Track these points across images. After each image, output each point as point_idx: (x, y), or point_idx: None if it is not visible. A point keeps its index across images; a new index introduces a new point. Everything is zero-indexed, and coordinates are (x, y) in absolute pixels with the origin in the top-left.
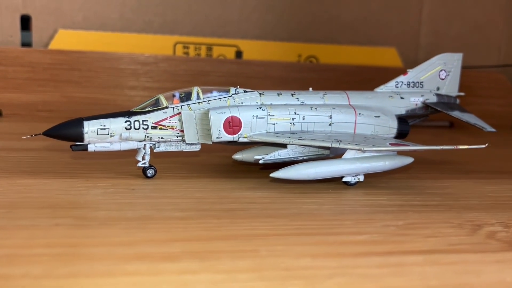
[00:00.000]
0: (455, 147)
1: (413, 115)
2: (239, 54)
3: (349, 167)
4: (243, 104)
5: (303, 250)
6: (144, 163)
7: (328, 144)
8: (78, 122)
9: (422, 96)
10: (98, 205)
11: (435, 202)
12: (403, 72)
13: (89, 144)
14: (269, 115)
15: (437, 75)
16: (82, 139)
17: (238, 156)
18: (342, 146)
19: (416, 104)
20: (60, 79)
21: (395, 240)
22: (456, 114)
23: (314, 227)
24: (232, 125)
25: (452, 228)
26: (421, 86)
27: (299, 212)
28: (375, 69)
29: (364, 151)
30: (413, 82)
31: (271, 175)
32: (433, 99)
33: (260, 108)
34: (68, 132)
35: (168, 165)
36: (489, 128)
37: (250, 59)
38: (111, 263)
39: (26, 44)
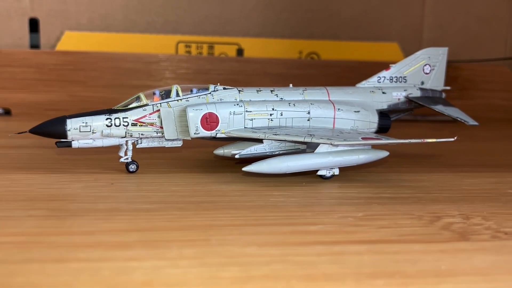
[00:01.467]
0: (422, 140)
1: (396, 109)
2: (240, 52)
3: (322, 160)
4: (222, 101)
5: (252, 239)
6: (127, 158)
7: (301, 139)
8: (61, 120)
9: (405, 90)
10: (74, 197)
11: (405, 195)
12: None
13: (73, 140)
14: (246, 111)
15: (421, 70)
16: (65, 136)
17: (219, 151)
18: (314, 140)
19: (399, 99)
20: (66, 79)
21: (347, 231)
22: (439, 108)
23: (273, 218)
24: (210, 121)
25: (410, 219)
26: (405, 80)
27: (264, 204)
28: (376, 64)
29: (335, 145)
30: (396, 77)
31: (243, 169)
32: (416, 93)
33: (237, 104)
34: (52, 129)
35: (152, 160)
36: (472, 122)
37: (251, 56)
38: (66, 250)
39: (34, 45)
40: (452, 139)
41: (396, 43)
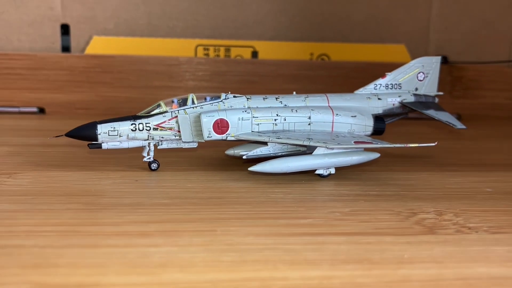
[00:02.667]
0: (405, 145)
1: (391, 114)
2: (255, 54)
3: (318, 161)
4: (232, 107)
5: (251, 230)
6: (149, 158)
7: (301, 142)
8: (93, 125)
9: (399, 96)
10: (104, 193)
11: (391, 192)
12: None
13: (103, 143)
14: (253, 117)
15: (415, 77)
16: (96, 139)
17: (230, 151)
18: (312, 144)
19: (394, 104)
20: (94, 80)
21: (332, 224)
22: (430, 112)
23: (271, 212)
24: (221, 126)
25: (389, 215)
26: (400, 87)
27: (265, 200)
28: (383, 65)
29: (329, 148)
30: (392, 84)
31: (249, 169)
32: (410, 99)
33: (245, 111)
34: (85, 133)
35: (171, 159)
36: (460, 126)
37: (265, 58)
38: (99, 238)
39: (65, 47)
40: (433, 144)
41: (403, 45)
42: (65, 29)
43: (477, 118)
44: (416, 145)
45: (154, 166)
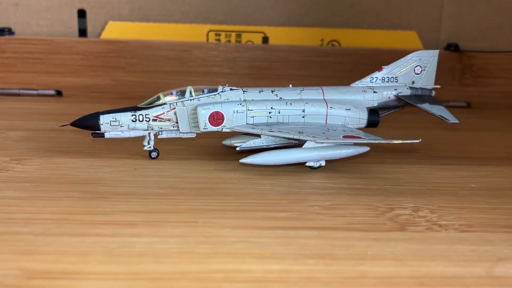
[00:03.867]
0: (390, 141)
1: (387, 106)
2: (265, 39)
3: (308, 154)
4: (228, 100)
5: (229, 223)
6: (149, 147)
7: (291, 136)
8: (95, 116)
9: (395, 90)
10: (103, 181)
11: (376, 186)
12: None
13: (105, 132)
14: (248, 109)
15: (412, 70)
16: (99, 129)
17: (226, 142)
18: (301, 137)
19: (389, 97)
20: (109, 65)
21: (308, 218)
22: (424, 106)
23: (253, 204)
24: (216, 118)
25: (366, 210)
26: (396, 80)
27: (252, 192)
28: (392, 52)
29: (317, 142)
30: (388, 77)
31: (240, 161)
32: (406, 92)
33: (240, 104)
34: (89, 123)
35: (172, 146)
36: (453, 120)
37: (276, 43)
38: (88, 227)
39: (82, 29)
40: (417, 141)
41: (414, 32)
42: (82, 14)
43: (487, 107)
44: (400, 141)
45: (154, 154)
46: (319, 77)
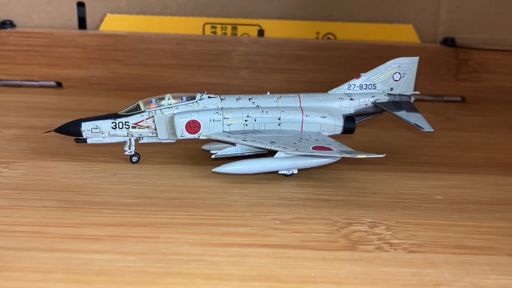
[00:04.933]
0: (354, 156)
1: (364, 113)
2: (261, 32)
3: (279, 164)
4: (206, 108)
5: (189, 239)
6: (130, 152)
7: (263, 146)
8: (78, 123)
9: (373, 97)
10: (81, 189)
11: (341, 197)
12: (415, 49)
13: (87, 138)
14: (224, 118)
15: (391, 77)
16: (81, 135)
17: (205, 147)
18: (273, 148)
19: (366, 104)
20: (106, 58)
21: (265, 234)
22: (401, 113)
23: (218, 218)
24: (193, 126)
25: (324, 225)
26: (374, 87)
27: (220, 203)
28: (387, 47)
29: (287, 154)
30: (366, 84)
31: (213, 170)
32: (384, 99)
33: (217, 112)
34: (71, 129)
35: (155, 148)
36: (428, 129)
37: (271, 37)
38: (57, 241)
39: (81, 17)
40: (381, 156)
41: (411, 25)
42: (81, 6)
43: (482, 101)
44: (364, 156)
45: (134, 159)
46: (313, 71)
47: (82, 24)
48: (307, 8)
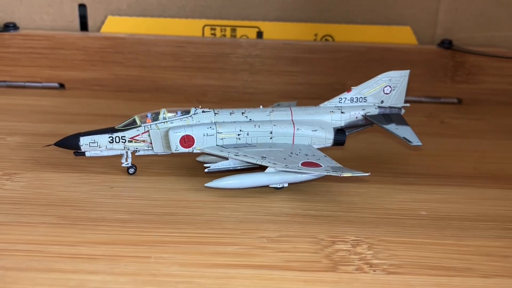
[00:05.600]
0: (340, 175)
1: (355, 125)
2: (260, 34)
3: (269, 178)
4: (200, 122)
5: (179, 259)
6: (127, 164)
7: (254, 161)
8: (76, 137)
9: (363, 110)
10: (79, 203)
11: (328, 212)
12: (412, 51)
13: (86, 151)
14: (217, 132)
15: (382, 91)
16: (80, 149)
17: (200, 159)
18: (263, 163)
19: (357, 117)
20: (107, 60)
21: (252, 254)
22: (390, 126)
23: (208, 236)
24: (187, 141)
25: (309, 243)
26: (365, 101)
27: (211, 219)
28: (383, 49)
29: (277, 170)
30: (357, 97)
31: (205, 185)
32: (374, 112)
33: (210, 127)
34: (70, 143)
35: (152, 158)
36: (416, 142)
37: (269, 38)
38: (54, 261)
39: (82, 15)
40: (367, 174)
41: (409, 27)
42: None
43: (478, 103)
44: (350, 174)
45: (131, 170)
46: (311, 73)
47: (84, 25)
48: (305, 10)
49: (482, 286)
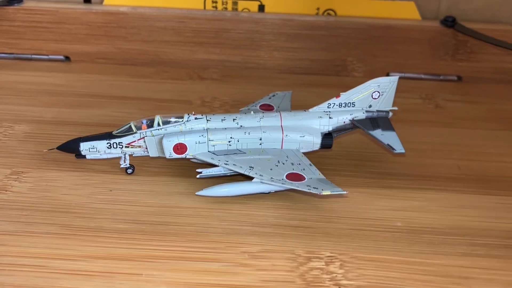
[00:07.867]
0: (320, 193)
1: (342, 129)
2: (261, 7)
3: (256, 187)
4: (192, 129)
5: (167, 277)
6: (125, 164)
7: (242, 171)
8: (77, 142)
9: (351, 114)
10: (80, 209)
11: (309, 223)
12: (413, 29)
13: (86, 155)
14: (209, 140)
15: (370, 96)
16: (80, 153)
17: (194, 160)
18: (251, 174)
19: (344, 122)
20: (111, 34)
21: (232, 272)
22: (375, 132)
23: (195, 250)
24: (180, 148)
25: (287, 259)
26: (353, 106)
27: (200, 230)
28: (386, 27)
29: (262, 182)
30: (345, 103)
31: (196, 193)
32: (362, 116)
33: (202, 135)
34: (71, 148)
35: (150, 160)
36: (399, 150)
37: (271, 12)
38: (55, 278)
39: None
40: (345, 192)
41: (412, 2)
42: None
43: (478, 81)
44: (329, 193)
45: (129, 171)
46: (311, 49)
47: None
48: None
49: None
